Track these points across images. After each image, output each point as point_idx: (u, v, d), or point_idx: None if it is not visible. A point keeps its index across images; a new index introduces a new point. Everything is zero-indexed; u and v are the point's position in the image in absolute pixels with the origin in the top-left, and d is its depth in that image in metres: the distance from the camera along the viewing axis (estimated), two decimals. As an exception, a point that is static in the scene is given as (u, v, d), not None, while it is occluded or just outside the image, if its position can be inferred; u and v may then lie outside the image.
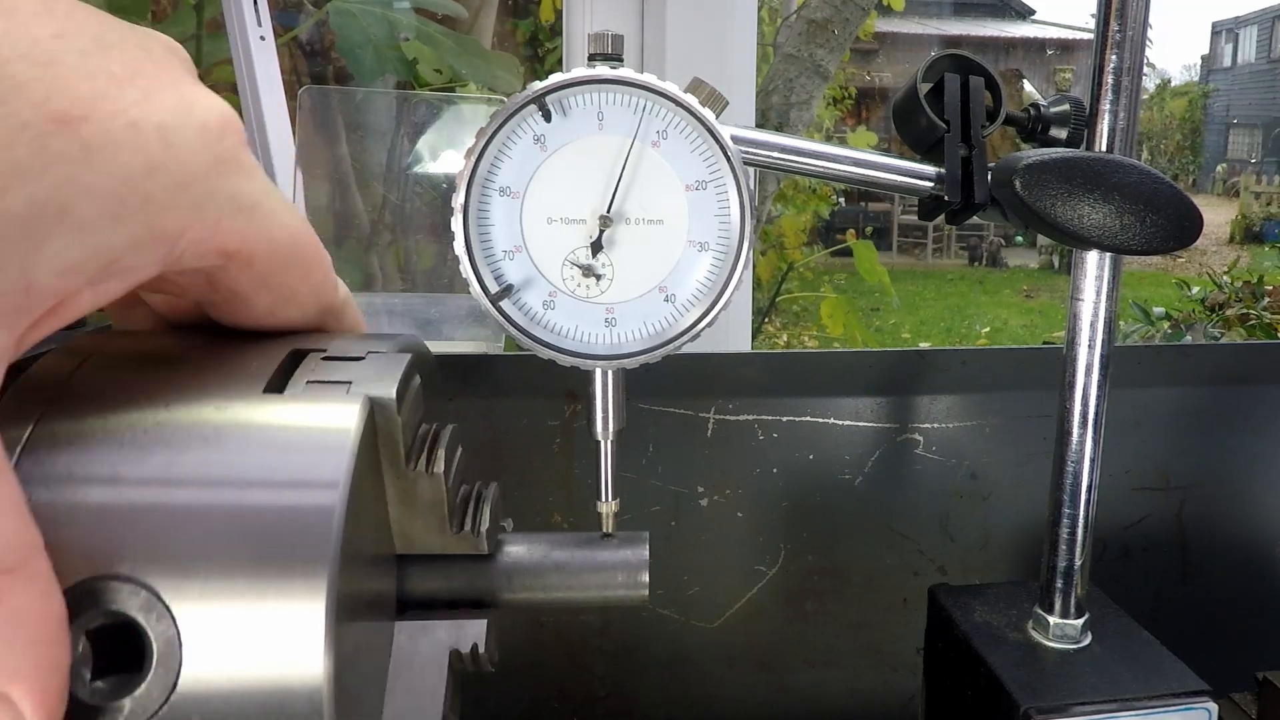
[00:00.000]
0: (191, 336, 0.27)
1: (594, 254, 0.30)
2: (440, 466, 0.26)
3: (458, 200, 0.30)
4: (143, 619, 0.20)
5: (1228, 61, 15.47)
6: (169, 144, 0.21)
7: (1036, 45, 11.95)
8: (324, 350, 0.25)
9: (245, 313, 0.26)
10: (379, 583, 0.26)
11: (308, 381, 0.24)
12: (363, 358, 0.25)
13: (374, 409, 0.23)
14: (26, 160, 0.18)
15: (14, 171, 0.18)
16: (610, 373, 0.32)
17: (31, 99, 0.18)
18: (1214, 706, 0.40)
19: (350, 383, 0.24)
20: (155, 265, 0.21)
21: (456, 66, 1.31)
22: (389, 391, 0.23)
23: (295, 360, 0.24)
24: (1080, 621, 0.44)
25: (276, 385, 0.23)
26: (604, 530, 0.32)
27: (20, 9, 0.19)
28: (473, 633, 0.28)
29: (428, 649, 0.28)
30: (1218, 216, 9.27)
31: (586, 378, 0.32)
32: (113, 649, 0.20)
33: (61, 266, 0.19)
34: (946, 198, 0.39)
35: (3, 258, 0.18)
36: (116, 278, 0.20)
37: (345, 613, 0.22)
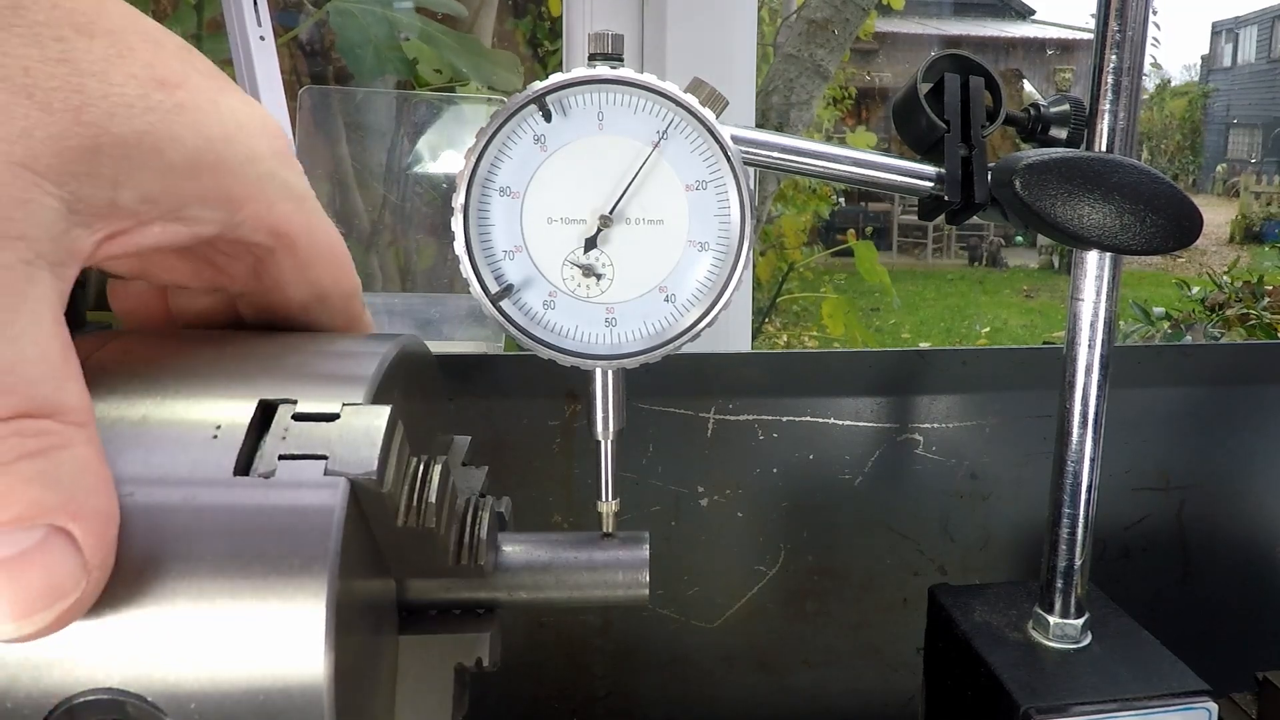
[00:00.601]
0: (166, 359, 0.26)
1: (586, 250, 0.30)
2: (431, 519, 0.25)
3: (458, 200, 0.30)
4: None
5: (1228, 61, 15.46)
6: (240, 125, 0.25)
7: (1036, 45, 11.94)
8: (294, 404, 0.24)
9: (280, 304, 0.28)
10: (378, 589, 0.26)
11: (279, 456, 0.22)
12: (337, 415, 0.23)
13: (355, 488, 0.22)
14: (133, 99, 0.22)
15: (124, 104, 0.21)
16: (610, 373, 0.32)
17: (140, 59, 0.22)
18: (1214, 706, 0.40)
19: (326, 458, 0.22)
20: (215, 225, 0.24)
21: (457, 65, 1.31)
22: (369, 467, 0.22)
23: (265, 418, 0.23)
24: (1080, 621, 0.44)
25: (244, 462, 0.22)
26: (604, 530, 0.32)
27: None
28: (477, 644, 0.28)
29: (432, 661, 0.28)
30: (1218, 216, 9.26)
31: (586, 378, 0.32)
32: None
33: (144, 195, 0.22)
34: (946, 198, 0.39)
35: (102, 172, 0.21)
36: (182, 223, 0.24)
37: (345, 614, 0.22)
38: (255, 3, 0.93)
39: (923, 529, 0.59)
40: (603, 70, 0.29)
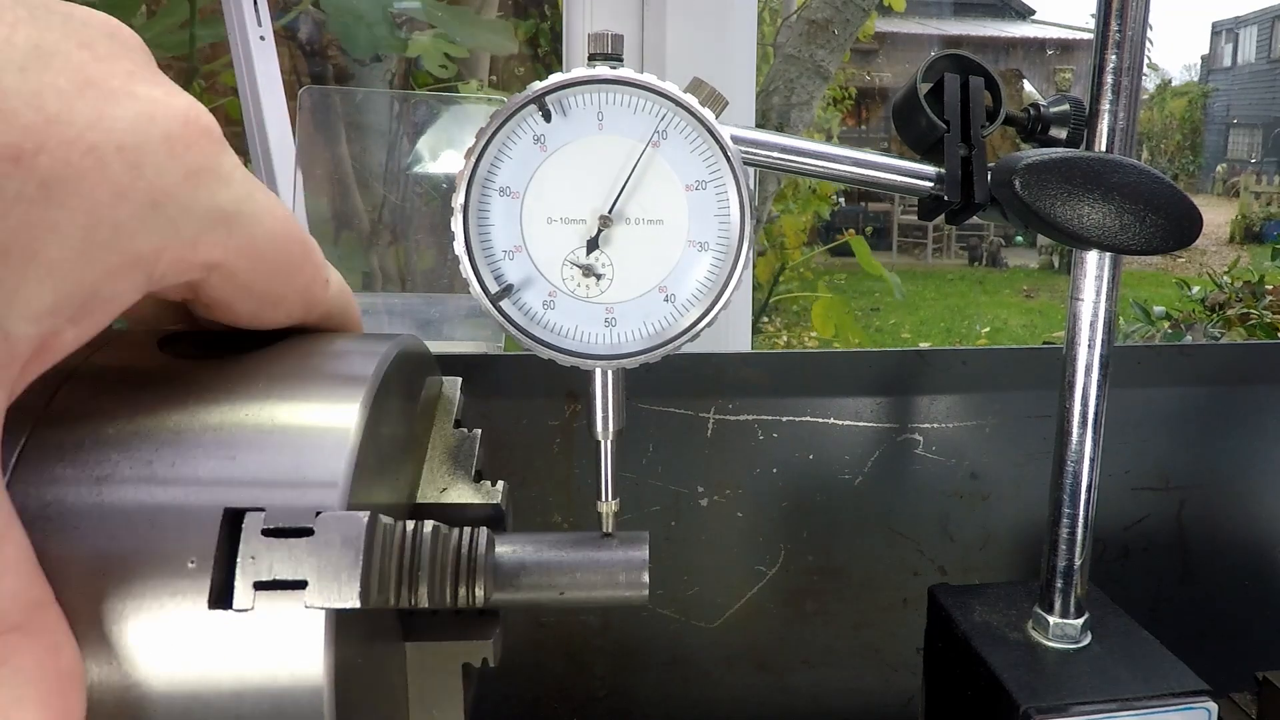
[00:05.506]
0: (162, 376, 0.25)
1: (589, 252, 0.30)
2: (424, 601, 0.26)
3: (458, 200, 0.30)
4: None
5: (1228, 61, 15.46)
6: (133, 165, 0.19)
7: (1036, 45, 11.93)
8: (261, 511, 0.21)
9: (228, 318, 0.25)
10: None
11: (255, 584, 0.21)
12: (311, 530, 0.21)
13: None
14: None
15: None
16: (610, 373, 0.32)
17: None
18: (1214, 706, 0.40)
19: (305, 584, 0.21)
20: (135, 292, 0.20)
21: (450, 34, 1.32)
22: (351, 599, 0.21)
23: (233, 530, 0.21)
24: (1080, 621, 0.44)
25: (221, 595, 0.21)
26: (604, 530, 0.32)
27: None
28: (482, 647, 0.28)
29: (439, 664, 0.28)
30: (1218, 216, 9.27)
31: (586, 378, 0.32)
32: None
33: (37, 311, 0.18)
34: (946, 198, 0.39)
35: None
36: (97, 311, 0.20)
37: (346, 617, 0.22)
38: (255, 3, 0.93)
39: (923, 529, 0.59)
40: (602, 70, 0.29)
